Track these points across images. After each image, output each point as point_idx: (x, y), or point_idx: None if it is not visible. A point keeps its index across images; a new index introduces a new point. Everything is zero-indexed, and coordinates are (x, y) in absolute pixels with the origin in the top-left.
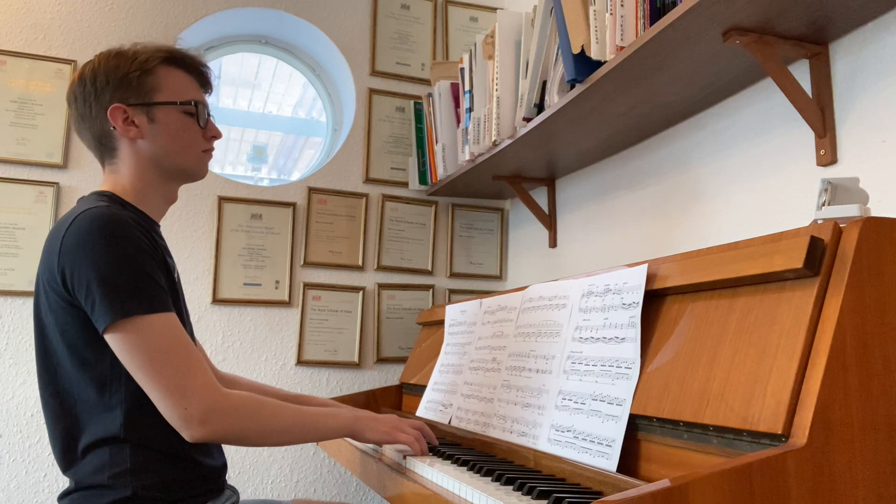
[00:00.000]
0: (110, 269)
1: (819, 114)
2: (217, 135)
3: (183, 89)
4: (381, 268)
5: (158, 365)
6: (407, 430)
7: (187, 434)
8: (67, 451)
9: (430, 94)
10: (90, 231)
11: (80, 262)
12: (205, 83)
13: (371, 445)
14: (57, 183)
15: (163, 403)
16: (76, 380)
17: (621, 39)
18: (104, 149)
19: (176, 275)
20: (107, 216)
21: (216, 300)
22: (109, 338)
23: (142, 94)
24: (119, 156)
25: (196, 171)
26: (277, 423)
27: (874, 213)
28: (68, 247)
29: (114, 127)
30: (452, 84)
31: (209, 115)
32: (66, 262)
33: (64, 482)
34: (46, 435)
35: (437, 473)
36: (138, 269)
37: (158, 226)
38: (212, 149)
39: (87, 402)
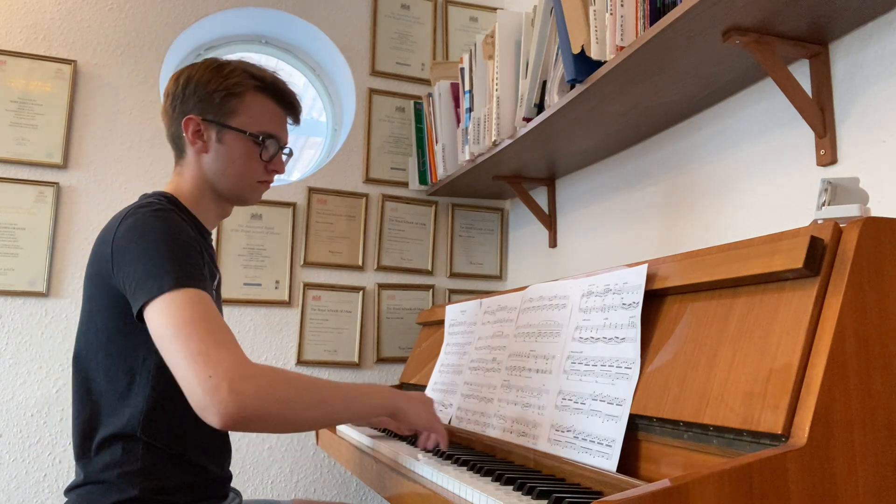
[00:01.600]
0: (157, 253)
1: (819, 114)
2: (279, 170)
3: (263, 120)
4: (381, 268)
5: (185, 333)
6: (439, 420)
7: (214, 413)
8: (84, 441)
9: (430, 94)
10: (144, 222)
11: (128, 246)
12: (293, 116)
13: (367, 444)
14: (57, 183)
15: (186, 379)
16: (104, 371)
17: (621, 39)
18: (177, 149)
19: (216, 282)
20: (162, 211)
21: None
22: (146, 316)
23: (220, 113)
24: (186, 161)
25: (245, 198)
26: (316, 395)
27: (874, 213)
28: (121, 234)
29: (184, 134)
30: (452, 84)
31: (281, 150)
32: (117, 247)
33: (66, 479)
34: (46, 435)
35: (436, 473)
36: (182, 254)
37: (209, 234)
38: (270, 181)
39: (111, 394)
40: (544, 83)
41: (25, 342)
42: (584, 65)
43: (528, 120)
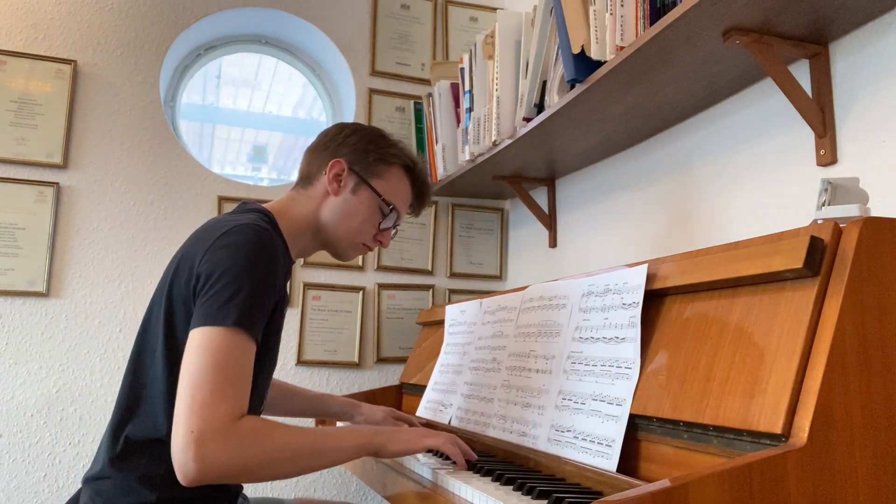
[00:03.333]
0: (241, 283)
1: (819, 114)
2: (385, 244)
3: (397, 195)
4: (380, 268)
5: (204, 377)
6: (435, 433)
7: (178, 471)
8: (115, 432)
9: (430, 94)
10: (245, 242)
11: (220, 262)
12: (415, 210)
13: None
14: (57, 183)
15: (178, 417)
16: (157, 370)
17: (621, 39)
18: (306, 179)
19: (285, 306)
20: (265, 238)
21: None
22: (191, 332)
23: (367, 170)
24: (308, 192)
25: (344, 253)
26: (289, 453)
27: (874, 213)
28: (220, 246)
29: (325, 172)
30: (452, 84)
31: (393, 227)
32: (210, 258)
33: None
34: (46, 435)
35: (436, 473)
36: (261, 296)
37: (292, 262)
38: (370, 248)
39: (153, 394)
40: (544, 83)
41: (25, 342)
42: (584, 65)
43: (528, 120)
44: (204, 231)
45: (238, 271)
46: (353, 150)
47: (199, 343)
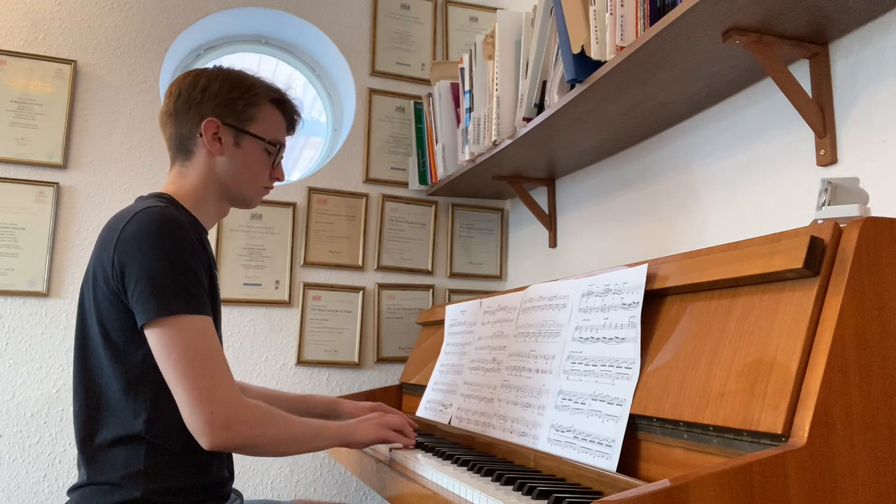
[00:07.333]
0: (162, 266)
1: (819, 114)
2: (281, 178)
3: (274, 129)
4: (381, 268)
5: (192, 366)
6: (392, 424)
7: (206, 440)
8: (85, 442)
9: (430, 94)
10: (149, 228)
11: (135, 255)
12: (291, 129)
13: None
14: (57, 183)
15: (188, 405)
16: (107, 372)
17: (621, 39)
18: (182, 149)
19: (216, 281)
20: (166, 216)
21: None
22: (149, 332)
23: (239, 119)
24: (193, 161)
25: (251, 201)
26: (288, 433)
27: (874, 213)
28: (126, 239)
29: (201, 135)
30: (452, 84)
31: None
32: (123, 253)
33: (66, 479)
34: (46, 435)
35: (437, 473)
36: (188, 270)
37: (206, 233)
38: (271, 187)
39: (112, 395)
40: (544, 83)
41: (25, 342)
42: (584, 65)
43: (528, 120)
44: (107, 231)
45: (157, 258)
46: (218, 103)
47: (163, 341)
